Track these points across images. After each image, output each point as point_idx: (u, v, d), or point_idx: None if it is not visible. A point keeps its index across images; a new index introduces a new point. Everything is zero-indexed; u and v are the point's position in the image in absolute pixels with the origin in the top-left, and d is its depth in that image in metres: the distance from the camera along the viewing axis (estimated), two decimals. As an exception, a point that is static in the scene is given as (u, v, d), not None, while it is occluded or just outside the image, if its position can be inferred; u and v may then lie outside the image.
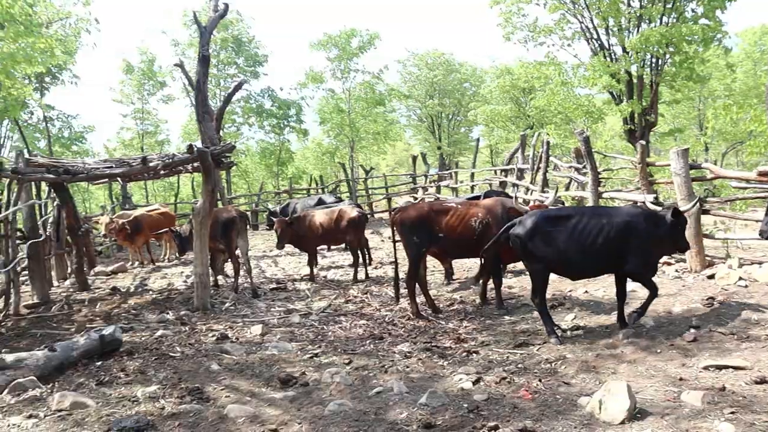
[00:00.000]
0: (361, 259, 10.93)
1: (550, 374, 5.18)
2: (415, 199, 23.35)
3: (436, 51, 36.62)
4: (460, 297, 8.72)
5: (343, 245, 11.26)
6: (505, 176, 16.25)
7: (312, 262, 11.24)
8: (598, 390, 4.39)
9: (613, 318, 6.51)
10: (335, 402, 4.66)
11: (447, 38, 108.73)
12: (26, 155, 10.53)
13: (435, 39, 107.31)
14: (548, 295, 6.78)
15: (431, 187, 22.90)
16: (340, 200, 16.45)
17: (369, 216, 13.04)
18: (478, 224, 7.61)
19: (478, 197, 10.63)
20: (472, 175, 19.54)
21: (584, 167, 11.76)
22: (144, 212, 14.85)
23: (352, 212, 10.85)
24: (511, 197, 8.81)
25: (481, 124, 34.17)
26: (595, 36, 18.25)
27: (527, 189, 13.77)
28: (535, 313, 7.22)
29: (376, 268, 11.95)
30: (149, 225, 14.24)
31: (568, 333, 6.41)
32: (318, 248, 12.08)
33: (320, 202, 17.92)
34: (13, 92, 7.97)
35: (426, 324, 7.30)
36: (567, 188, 12.96)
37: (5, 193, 10.29)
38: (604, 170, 12.10)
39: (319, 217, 11.06)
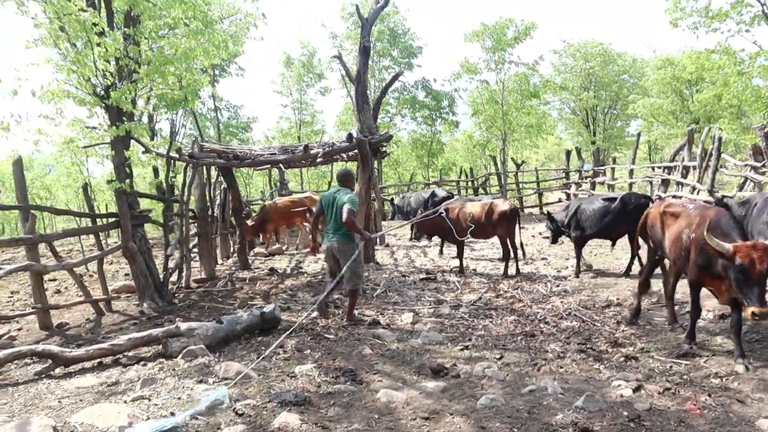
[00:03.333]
0: (512, 254, 10.70)
1: (721, 390, 4.79)
2: (568, 196, 22.64)
3: (593, 41, 35.03)
4: (617, 299, 8.32)
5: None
6: (668, 174, 15.22)
7: (461, 254, 11.21)
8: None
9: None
10: (487, 396, 4.59)
11: (604, 27, 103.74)
12: (200, 141, 11.38)
13: (591, 28, 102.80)
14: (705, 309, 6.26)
15: (585, 182, 22.03)
16: (450, 196, 16.56)
17: (519, 211, 12.82)
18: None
19: (614, 199, 10.21)
20: (631, 171, 18.46)
21: (763, 165, 10.75)
22: (271, 202, 15.52)
23: (504, 206, 10.66)
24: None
25: (639, 119, 32.38)
26: (780, 20, 16.56)
27: (693, 188, 12.84)
28: (701, 323, 6.73)
29: (527, 263, 11.72)
30: (277, 214, 14.77)
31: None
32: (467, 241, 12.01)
33: (433, 196, 18.35)
34: (192, 83, 8.55)
35: (580, 325, 7.03)
36: (741, 188, 11.91)
37: (182, 175, 11.16)
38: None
39: (470, 209, 10.94)
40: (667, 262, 7.29)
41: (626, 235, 10.22)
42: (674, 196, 14.10)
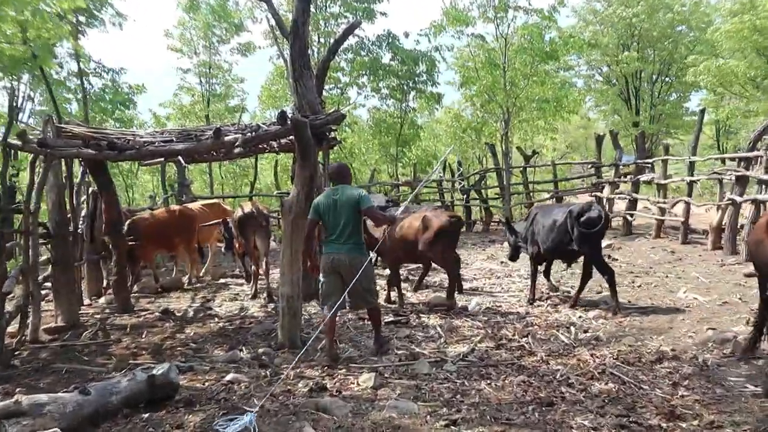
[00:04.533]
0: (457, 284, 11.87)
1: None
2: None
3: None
4: (672, 349, 8.41)
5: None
6: (746, 168, 15.38)
7: (396, 283, 12.16)
8: None
9: None
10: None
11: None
12: (56, 122, 11.17)
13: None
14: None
15: (624, 181, 22.31)
16: (392, 203, 17.05)
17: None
18: None
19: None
20: (691, 165, 18.55)
21: None
22: (156, 212, 15.74)
23: (441, 218, 11.57)
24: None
25: (703, 89, 32.89)
26: None
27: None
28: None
29: (542, 299, 11.92)
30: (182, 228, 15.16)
31: None
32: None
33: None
34: (44, 34, 8.40)
35: (619, 388, 7.07)
36: None
37: (27, 173, 10.87)
38: None
39: (404, 225, 11.93)
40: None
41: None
42: (756, 201, 14.33)
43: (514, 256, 13.21)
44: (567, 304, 11.48)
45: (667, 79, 36.39)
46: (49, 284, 11.14)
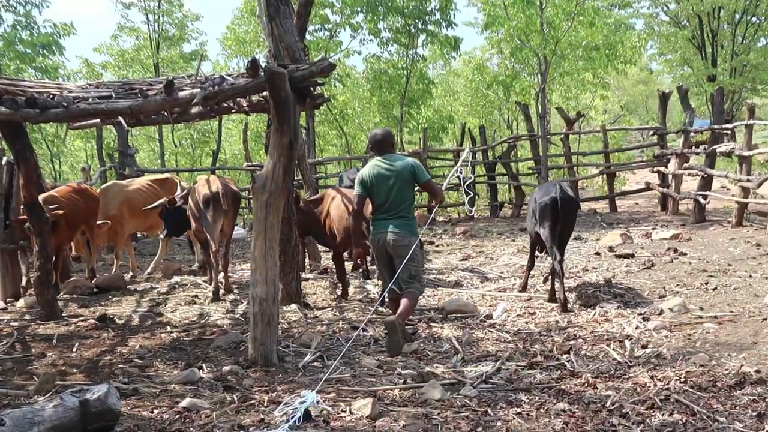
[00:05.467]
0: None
1: None
2: (663, 178, 22.89)
3: None
4: (757, 371, 8.42)
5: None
6: None
7: (341, 275, 13.58)
8: None
9: None
10: None
11: None
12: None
13: None
14: None
15: (695, 153, 22.30)
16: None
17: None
18: None
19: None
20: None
21: None
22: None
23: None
24: None
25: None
26: None
27: None
28: None
29: (581, 301, 11.97)
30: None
31: None
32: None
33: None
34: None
35: (687, 420, 7.08)
36: None
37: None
38: None
39: (344, 199, 12.76)
40: None
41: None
42: None
43: None
44: (624, 310, 11.52)
45: (754, 18, 36.09)
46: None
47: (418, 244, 9.29)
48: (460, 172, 15.04)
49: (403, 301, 9.51)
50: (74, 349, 10.12)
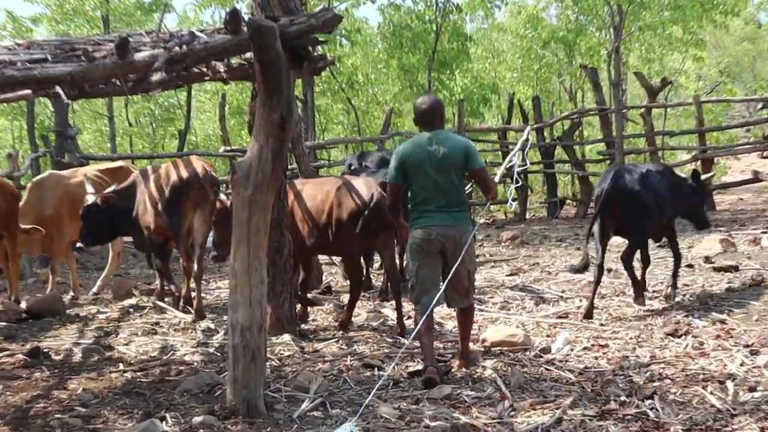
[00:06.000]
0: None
1: None
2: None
3: None
4: None
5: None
6: None
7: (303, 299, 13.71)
8: None
9: None
10: None
11: None
12: None
13: None
14: None
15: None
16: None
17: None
18: None
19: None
20: None
21: None
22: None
23: (371, 189, 12.45)
24: None
25: None
26: None
27: None
28: None
29: (678, 329, 11.91)
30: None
31: None
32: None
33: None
34: None
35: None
36: None
37: None
38: None
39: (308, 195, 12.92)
40: None
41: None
42: None
43: None
44: (725, 341, 11.45)
45: None
46: None
47: (473, 239, 9.56)
48: (519, 158, 15.15)
49: (463, 322, 9.99)
50: (-3, 394, 10.12)
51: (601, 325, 12.80)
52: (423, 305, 9.32)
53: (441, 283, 9.48)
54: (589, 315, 13.19)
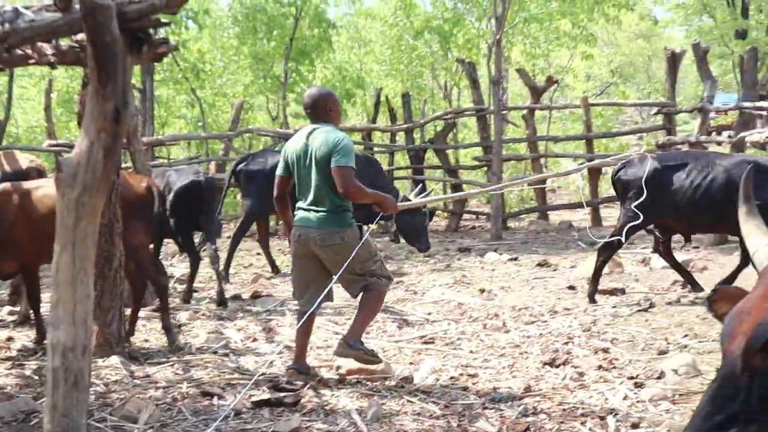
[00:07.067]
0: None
1: None
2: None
3: None
4: None
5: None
6: None
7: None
8: None
9: None
10: None
11: None
12: None
13: None
14: None
15: (715, 141, 22.62)
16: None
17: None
18: None
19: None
20: None
21: None
22: None
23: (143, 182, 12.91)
24: None
25: None
26: None
27: None
28: None
29: (557, 359, 12.02)
30: None
31: None
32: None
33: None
34: None
35: None
36: None
37: None
38: None
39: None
40: None
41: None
42: None
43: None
44: (608, 372, 11.59)
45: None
46: None
47: (357, 238, 9.79)
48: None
49: (362, 302, 10.25)
50: None
51: (471, 352, 12.87)
52: (300, 306, 9.93)
53: (324, 283, 9.93)
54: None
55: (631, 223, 14.39)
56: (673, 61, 25.21)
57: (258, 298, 17.03)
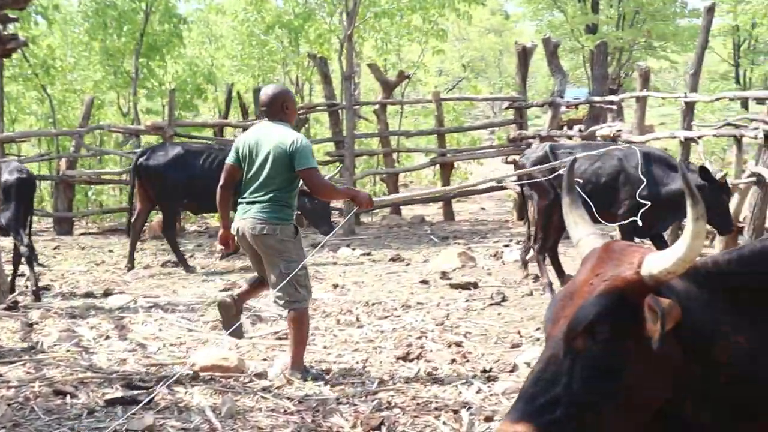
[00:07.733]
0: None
1: None
2: (518, 166, 23.46)
3: None
4: None
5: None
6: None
7: None
8: None
9: None
10: None
11: None
12: None
13: None
14: None
15: (566, 135, 22.82)
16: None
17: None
18: None
19: None
20: (689, 108, 19.03)
21: None
22: None
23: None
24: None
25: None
26: None
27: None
28: None
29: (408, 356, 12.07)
30: None
31: None
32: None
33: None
34: None
35: None
36: None
37: None
38: None
39: None
40: None
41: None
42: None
43: None
44: (461, 365, 11.64)
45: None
46: None
47: (291, 236, 10.18)
48: None
49: (290, 331, 10.75)
50: None
51: (325, 347, 12.93)
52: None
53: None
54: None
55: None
56: (524, 55, 25.43)
57: (110, 295, 16.84)
